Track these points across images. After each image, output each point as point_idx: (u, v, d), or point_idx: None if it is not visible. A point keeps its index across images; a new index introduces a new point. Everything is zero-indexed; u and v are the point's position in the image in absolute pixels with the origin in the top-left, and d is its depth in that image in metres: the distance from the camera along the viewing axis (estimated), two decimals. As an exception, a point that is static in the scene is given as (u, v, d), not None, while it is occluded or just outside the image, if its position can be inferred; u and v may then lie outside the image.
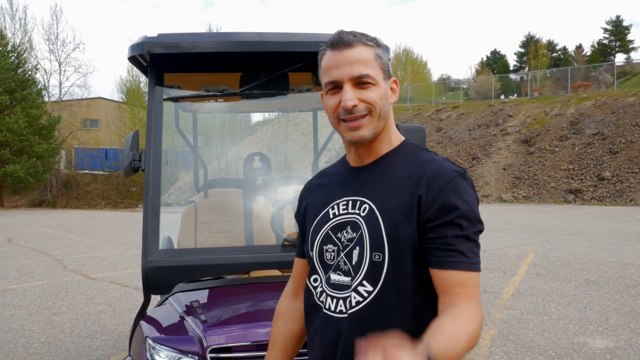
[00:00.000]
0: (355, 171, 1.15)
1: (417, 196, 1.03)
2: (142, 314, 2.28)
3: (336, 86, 1.07)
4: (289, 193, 3.32)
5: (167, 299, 2.36)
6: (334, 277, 1.10)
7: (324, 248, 1.13)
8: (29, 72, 30.38)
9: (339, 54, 1.06)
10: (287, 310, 1.31)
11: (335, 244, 1.11)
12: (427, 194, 1.02)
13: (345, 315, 1.06)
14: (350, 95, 1.05)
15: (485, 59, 60.02)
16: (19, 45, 30.76)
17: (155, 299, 2.96)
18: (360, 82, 1.05)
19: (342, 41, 1.06)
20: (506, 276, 7.08)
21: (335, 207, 1.14)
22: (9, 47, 29.54)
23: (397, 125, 2.13)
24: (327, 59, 1.08)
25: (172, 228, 3.14)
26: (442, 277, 1.00)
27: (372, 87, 1.06)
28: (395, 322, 1.03)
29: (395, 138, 1.16)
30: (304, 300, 1.21)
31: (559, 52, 54.62)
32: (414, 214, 1.02)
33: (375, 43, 1.09)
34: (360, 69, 1.05)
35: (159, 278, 2.19)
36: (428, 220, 1.01)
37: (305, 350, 1.23)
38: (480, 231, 1.04)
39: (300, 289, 1.28)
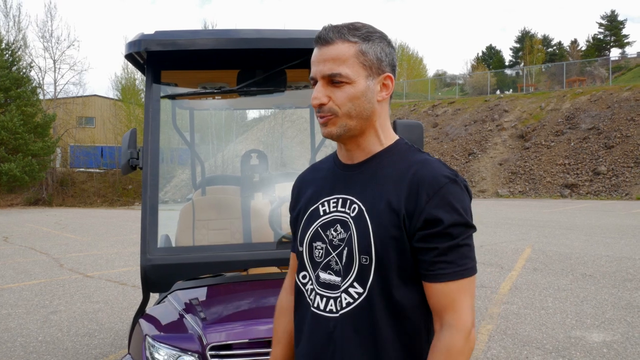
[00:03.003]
0: (346, 168, 1.14)
1: (407, 202, 1.02)
2: (141, 312, 2.28)
3: (315, 82, 1.08)
4: (287, 190, 3.32)
5: (166, 296, 2.36)
6: (324, 275, 1.10)
7: (313, 245, 1.13)
8: (24, 70, 30.15)
9: (318, 50, 1.06)
10: (289, 305, 1.29)
11: (323, 242, 1.11)
12: (417, 201, 1.01)
13: (336, 315, 1.06)
14: (317, 94, 1.06)
15: (480, 54, 60.11)
16: (13, 43, 30.52)
17: (154, 297, 2.96)
18: (332, 81, 1.05)
19: (321, 38, 1.06)
20: (503, 271, 7.11)
21: (326, 204, 1.13)
22: (3, 45, 29.29)
23: (394, 122, 2.13)
24: (313, 54, 1.09)
25: (168, 226, 3.13)
26: (431, 290, 1.01)
27: (344, 86, 1.04)
28: (385, 324, 1.03)
29: (388, 137, 1.13)
30: (294, 297, 1.20)
31: (554, 47, 54.72)
32: (402, 220, 1.02)
33: (362, 38, 1.05)
34: (333, 67, 1.04)
35: (158, 276, 2.19)
36: (418, 229, 1.00)
37: None
38: (472, 233, 1.04)
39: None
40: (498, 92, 34.41)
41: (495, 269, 7.26)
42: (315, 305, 1.10)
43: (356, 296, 1.04)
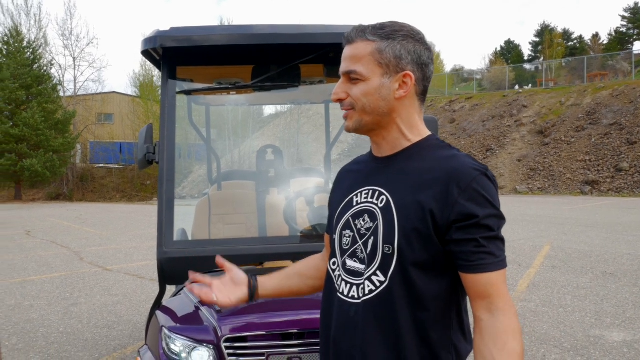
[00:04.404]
0: (378, 161, 1.19)
1: (435, 195, 1.04)
2: (157, 304, 2.32)
3: None
4: (302, 185, 3.33)
5: (182, 289, 2.39)
6: (350, 263, 1.15)
7: (342, 233, 1.18)
8: (45, 68, 30.74)
9: (344, 49, 1.15)
10: (314, 258, 1.41)
11: (352, 230, 1.15)
12: (448, 194, 1.03)
13: (359, 301, 1.10)
14: (336, 89, 1.14)
15: (499, 49, 59.20)
16: (34, 42, 31.12)
17: (170, 289, 3.00)
18: (350, 78, 1.12)
19: (345, 37, 1.14)
20: (521, 268, 7.03)
21: (359, 195, 1.18)
22: (25, 44, 29.92)
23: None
24: None
25: (186, 220, 3.17)
26: (475, 280, 1.04)
27: (359, 83, 1.11)
28: (403, 313, 1.06)
29: (416, 133, 1.16)
30: (324, 282, 1.25)
31: (575, 41, 53.62)
32: (429, 213, 1.04)
33: (382, 37, 1.09)
34: (349, 65, 1.11)
35: (174, 269, 2.21)
36: (453, 221, 1.03)
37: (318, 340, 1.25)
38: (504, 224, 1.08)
39: (326, 257, 1.37)
40: (517, 87, 33.86)
41: (513, 266, 7.18)
42: (341, 291, 1.15)
43: (378, 284, 1.08)
